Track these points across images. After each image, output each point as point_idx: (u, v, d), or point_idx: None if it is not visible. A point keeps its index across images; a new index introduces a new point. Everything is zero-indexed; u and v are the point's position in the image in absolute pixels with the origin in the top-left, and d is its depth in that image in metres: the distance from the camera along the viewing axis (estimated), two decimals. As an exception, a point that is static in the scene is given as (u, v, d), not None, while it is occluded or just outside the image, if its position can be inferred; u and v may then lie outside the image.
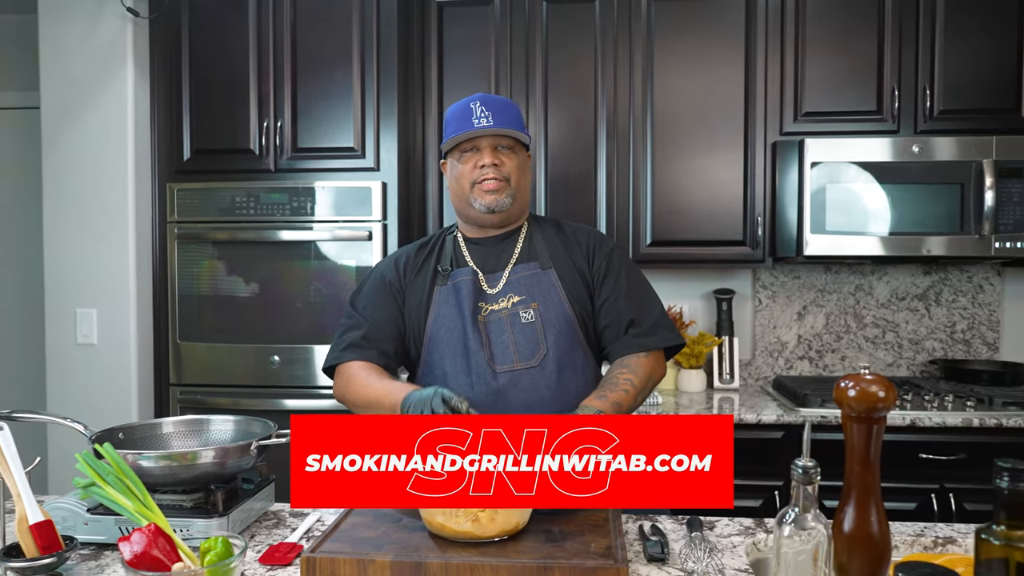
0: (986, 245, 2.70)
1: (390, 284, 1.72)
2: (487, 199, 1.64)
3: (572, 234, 1.76)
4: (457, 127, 1.64)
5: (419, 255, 1.75)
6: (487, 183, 1.63)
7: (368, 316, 1.70)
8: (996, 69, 2.78)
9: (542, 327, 1.62)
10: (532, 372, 1.59)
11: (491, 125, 1.61)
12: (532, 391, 1.59)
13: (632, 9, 2.90)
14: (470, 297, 1.63)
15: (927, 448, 2.50)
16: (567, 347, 1.63)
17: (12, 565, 1.21)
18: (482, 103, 1.63)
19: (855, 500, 0.94)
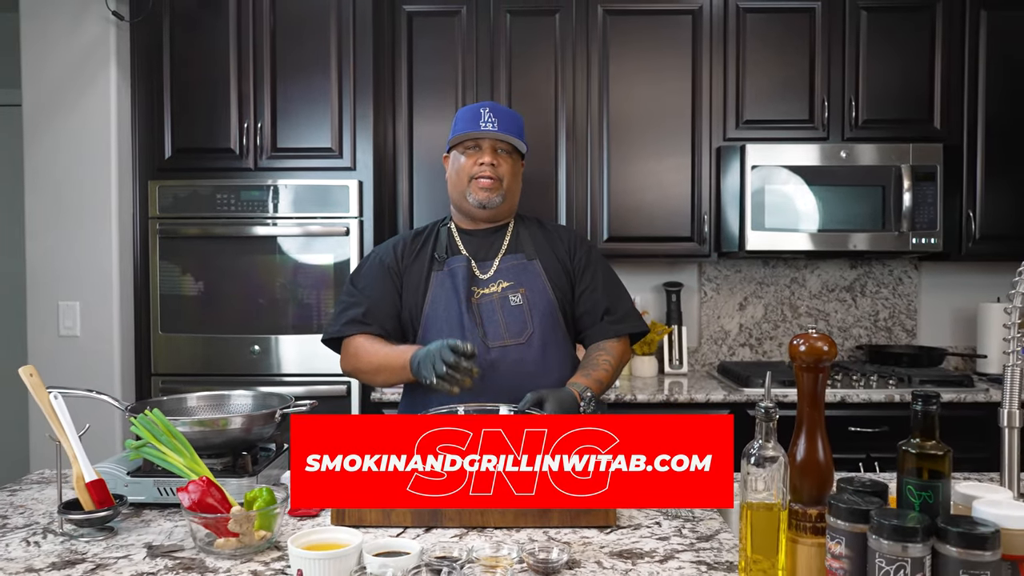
0: (904, 241, 3.02)
1: (388, 267, 1.89)
2: (481, 195, 1.85)
3: (553, 231, 1.99)
4: (465, 126, 1.84)
5: (415, 242, 1.93)
6: (483, 180, 1.83)
7: (369, 295, 1.87)
8: (912, 84, 3.11)
9: (529, 310, 1.83)
10: (520, 348, 1.80)
11: (495, 129, 1.82)
12: (520, 364, 1.80)
13: (589, 23, 3.13)
14: (464, 281, 1.83)
15: (855, 422, 2.79)
16: (550, 328, 1.85)
17: (72, 517, 1.35)
18: (491, 110, 1.85)
19: (805, 434, 1.18)
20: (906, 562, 0.91)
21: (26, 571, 1.21)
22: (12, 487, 1.67)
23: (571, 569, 1.21)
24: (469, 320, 1.81)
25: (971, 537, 0.89)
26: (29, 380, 1.40)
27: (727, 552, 1.29)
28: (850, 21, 3.11)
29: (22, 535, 1.37)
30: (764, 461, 1.15)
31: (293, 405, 1.64)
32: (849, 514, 0.99)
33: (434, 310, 1.84)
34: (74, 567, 1.22)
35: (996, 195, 3.09)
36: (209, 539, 1.28)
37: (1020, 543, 0.92)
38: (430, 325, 1.84)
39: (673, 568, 1.22)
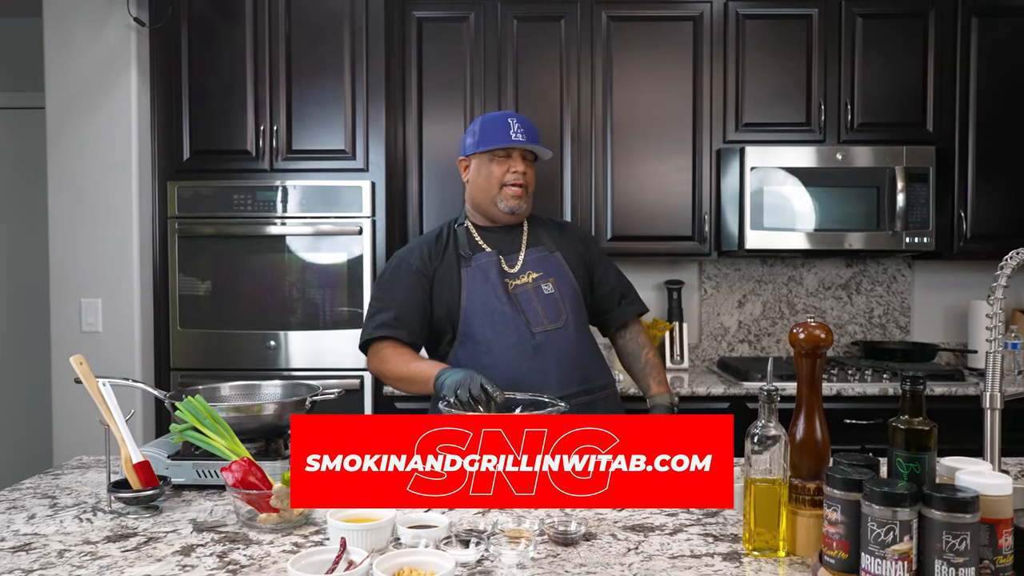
0: (898, 240, 3.13)
1: (418, 271, 1.99)
2: (512, 203, 1.98)
3: (564, 226, 2.17)
4: (496, 136, 1.96)
5: (438, 244, 2.04)
6: (514, 188, 1.98)
7: (397, 299, 1.97)
8: (906, 89, 3.22)
9: (560, 297, 1.98)
10: (559, 332, 1.94)
11: (525, 140, 1.97)
12: (561, 346, 1.93)
13: (594, 28, 3.24)
14: (498, 275, 1.95)
15: (850, 415, 2.90)
16: (579, 312, 2.01)
17: (121, 495, 1.45)
18: (517, 120, 1.99)
19: (804, 415, 1.28)
20: (895, 525, 1.01)
21: (84, 543, 1.31)
22: (55, 471, 1.76)
23: (588, 540, 1.32)
24: (510, 309, 1.92)
25: (953, 502, 0.99)
26: (79, 368, 1.50)
27: (731, 526, 1.39)
28: (846, 28, 3.21)
29: (73, 513, 1.46)
30: (766, 440, 1.25)
31: (321, 393, 1.74)
32: (844, 484, 1.09)
33: (472, 304, 1.94)
34: (127, 540, 1.32)
35: (987, 196, 3.20)
36: (251, 515, 1.38)
37: (997, 508, 1.02)
38: (471, 318, 1.94)
39: (682, 540, 1.32)
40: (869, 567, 1.03)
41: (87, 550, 1.27)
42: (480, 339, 1.93)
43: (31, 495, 1.58)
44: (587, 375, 1.97)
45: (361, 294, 2.94)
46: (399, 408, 2.97)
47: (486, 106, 3.23)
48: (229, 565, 1.21)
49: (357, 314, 2.94)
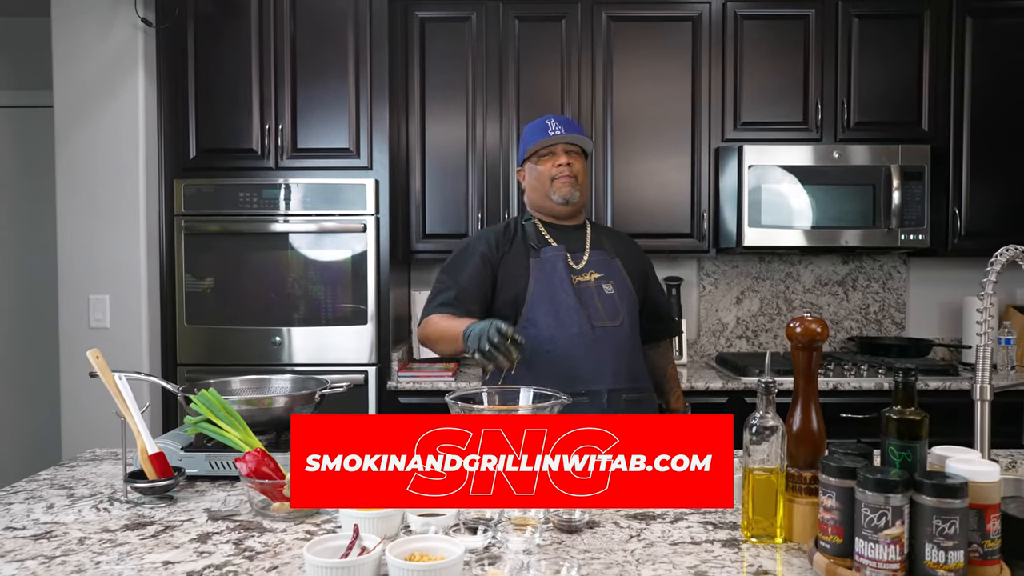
0: (893, 237, 3.17)
1: (483, 256, 2.07)
2: (564, 191, 2.08)
3: (622, 236, 2.31)
4: (536, 136, 2.07)
5: (506, 235, 2.13)
6: (563, 179, 2.07)
7: (460, 281, 2.05)
8: (901, 88, 3.26)
9: (619, 298, 2.07)
10: (616, 329, 2.03)
11: (564, 132, 2.07)
12: (617, 342, 2.03)
13: (594, 29, 3.28)
14: (565, 269, 2.04)
15: (846, 409, 2.94)
16: (633, 315, 2.11)
17: (137, 485, 1.49)
18: (554, 119, 2.10)
19: (801, 406, 1.32)
20: (888, 510, 1.05)
21: (103, 531, 1.35)
22: (70, 463, 1.81)
23: (591, 528, 1.36)
24: (574, 301, 2.00)
25: (943, 488, 1.04)
26: (96, 362, 1.54)
27: (730, 515, 1.44)
28: (842, 28, 3.26)
29: (91, 503, 1.51)
30: (764, 430, 1.30)
31: (331, 387, 1.78)
32: (839, 471, 1.13)
33: (538, 292, 2.03)
34: (145, 528, 1.36)
35: (980, 194, 3.24)
36: (264, 504, 1.42)
37: (985, 494, 1.07)
38: (535, 305, 2.02)
39: (683, 527, 1.37)
40: (863, 551, 1.07)
41: (106, 537, 1.32)
42: (543, 326, 2.00)
43: (48, 486, 1.62)
44: (637, 374, 2.08)
45: (365, 291, 2.98)
46: (403, 403, 3.02)
47: (488, 105, 3.27)
48: (245, 551, 1.25)
49: (361, 310, 2.98)
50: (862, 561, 1.07)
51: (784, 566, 1.20)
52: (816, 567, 1.14)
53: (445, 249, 3.34)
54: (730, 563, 1.21)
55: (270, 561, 1.21)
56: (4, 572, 1.17)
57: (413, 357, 3.44)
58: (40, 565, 1.19)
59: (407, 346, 3.44)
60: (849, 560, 1.11)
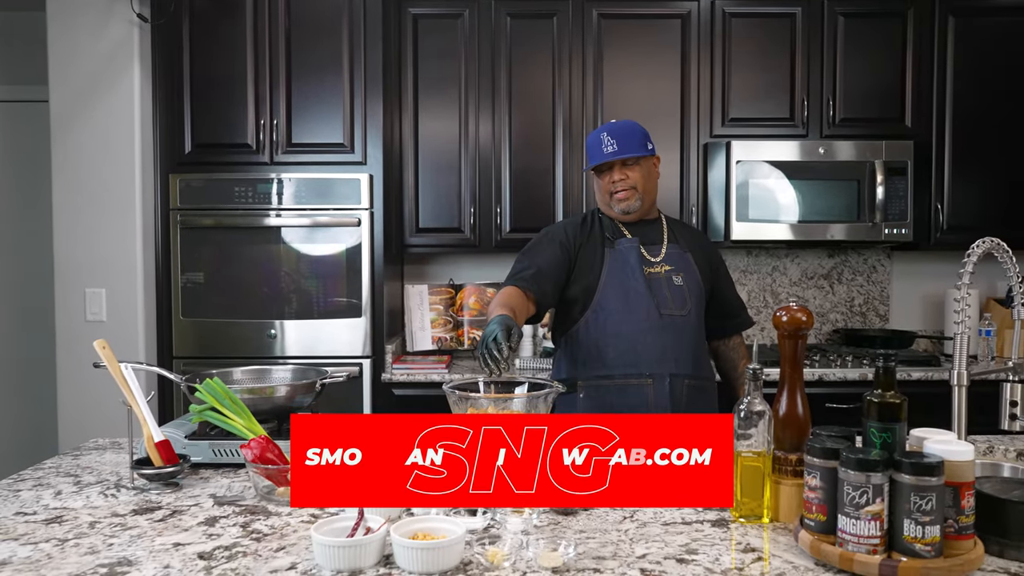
0: (877, 232, 3.24)
1: (562, 243, 2.13)
2: (620, 205, 2.14)
3: (695, 232, 2.34)
4: (593, 155, 2.15)
5: (584, 225, 2.19)
6: (618, 194, 2.13)
7: (538, 262, 2.10)
8: (885, 85, 3.33)
9: (687, 291, 2.13)
10: (683, 319, 2.10)
11: (616, 151, 2.10)
12: (682, 332, 2.09)
13: (585, 26, 3.32)
14: (638, 260, 2.11)
15: (832, 399, 3.01)
16: (700, 308, 2.17)
17: (144, 472, 1.53)
18: (608, 133, 2.12)
19: (787, 392, 1.38)
20: (869, 488, 1.11)
21: (112, 515, 1.39)
22: (74, 452, 1.84)
23: (586, 510, 1.41)
24: (644, 289, 2.08)
25: (920, 466, 1.09)
26: (103, 352, 1.58)
27: (719, 497, 1.49)
28: (828, 26, 3.32)
29: (98, 489, 1.55)
30: (752, 415, 1.36)
31: (331, 376, 1.82)
32: (822, 452, 1.19)
33: (610, 280, 2.10)
34: (153, 512, 1.41)
35: (962, 189, 3.32)
36: (269, 489, 1.47)
37: (960, 472, 1.13)
38: (607, 292, 2.09)
39: (674, 509, 1.42)
40: (845, 527, 1.13)
41: (116, 521, 1.36)
42: (612, 310, 2.09)
43: (54, 474, 1.66)
44: (701, 363, 2.14)
45: (360, 284, 3.02)
46: (398, 395, 3.06)
47: (480, 101, 3.32)
48: (253, 533, 1.30)
49: (355, 303, 3.03)
50: (844, 537, 1.13)
51: (771, 543, 1.26)
52: (801, 543, 1.20)
53: (438, 243, 3.39)
54: (719, 541, 1.26)
55: (278, 542, 1.26)
56: (20, 554, 1.21)
57: (407, 350, 3.48)
58: (54, 547, 1.23)
59: (401, 339, 3.48)
60: (832, 536, 1.16)
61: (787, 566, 1.17)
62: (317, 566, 1.15)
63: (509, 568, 1.14)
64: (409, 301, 3.48)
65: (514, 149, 3.34)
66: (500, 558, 1.16)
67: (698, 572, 1.14)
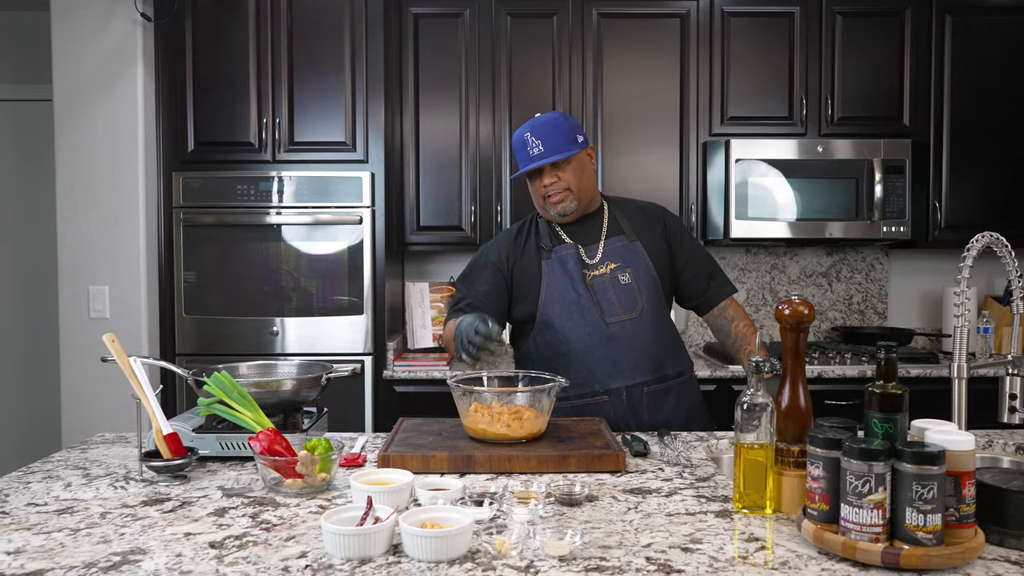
0: (876, 230, 3.27)
1: (495, 266, 2.08)
2: (556, 208, 2.03)
3: (645, 209, 2.17)
4: (519, 159, 2.03)
5: (517, 240, 2.11)
6: (551, 198, 2.02)
7: (472, 291, 2.08)
8: (883, 84, 3.35)
9: (637, 287, 2.02)
10: (634, 322, 2.00)
11: (542, 153, 1.97)
12: (636, 336, 1.99)
13: (584, 25, 3.34)
14: (577, 266, 2.02)
15: (831, 396, 3.03)
16: (656, 302, 2.04)
17: (152, 464, 1.55)
18: (532, 133, 1.99)
19: (789, 384, 1.40)
20: (871, 477, 1.13)
21: (122, 506, 1.40)
22: (81, 446, 1.85)
23: (591, 502, 1.43)
24: (587, 300, 1.99)
25: (922, 455, 1.11)
26: (112, 346, 1.59)
27: (722, 489, 1.51)
28: (826, 25, 3.34)
29: (107, 482, 1.56)
30: (754, 407, 1.37)
31: (335, 371, 1.84)
32: (825, 442, 1.21)
33: (551, 294, 2.02)
34: (163, 503, 1.42)
35: (960, 187, 3.35)
36: (277, 481, 1.48)
37: (961, 461, 1.15)
38: (548, 308, 2.02)
39: (677, 501, 1.44)
40: (848, 516, 1.15)
41: (127, 512, 1.37)
42: (557, 328, 2.01)
43: (63, 466, 1.67)
44: (660, 363, 2.02)
45: (361, 281, 3.04)
46: (399, 392, 3.08)
47: (480, 100, 3.33)
48: (262, 524, 1.31)
49: (357, 300, 3.04)
50: (847, 525, 1.15)
51: (774, 533, 1.28)
52: (804, 533, 1.22)
53: (439, 241, 3.40)
54: (723, 531, 1.28)
55: (287, 532, 1.27)
56: (34, 543, 1.22)
57: (408, 347, 3.50)
58: (67, 536, 1.25)
59: (402, 336, 3.49)
60: (835, 526, 1.18)
61: (790, 555, 1.18)
62: (327, 555, 1.17)
63: (516, 556, 1.16)
64: (410, 299, 3.50)
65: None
66: (508, 547, 1.18)
67: (703, 560, 1.15)
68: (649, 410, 1.99)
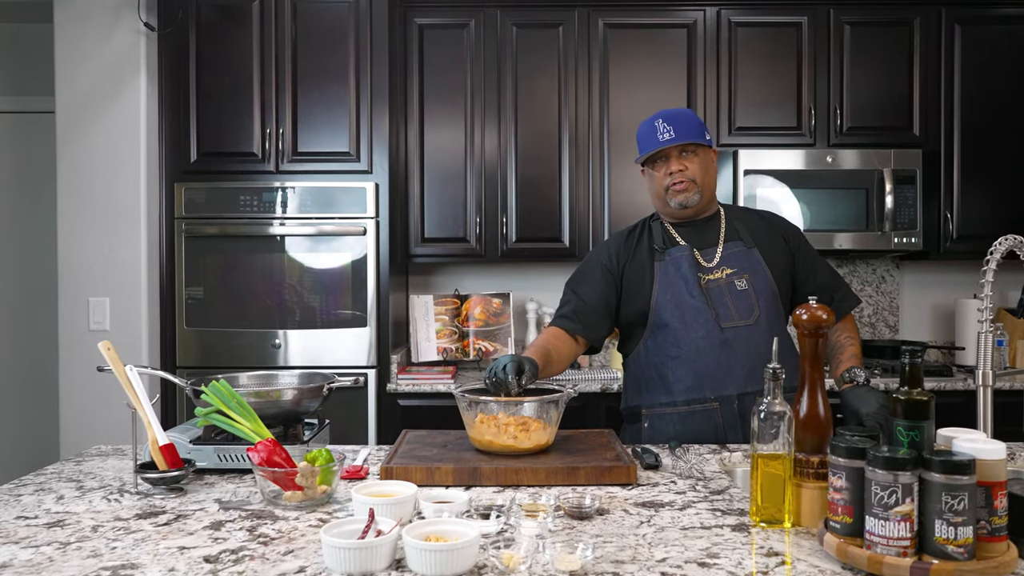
0: (887, 241, 3.22)
1: (604, 267, 2.03)
2: (678, 198, 1.97)
3: (766, 219, 2.11)
4: (646, 143, 1.97)
5: (628, 241, 2.07)
6: (676, 186, 1.96)
7: (581, 294, 2.03)
8: (893, 94, 3.32)
9: (754, 294, 1.95)
10: (751, 328, 1.93)
11: (673, 138, 1.93)
12: (751, 343, 1.92)
13: (591, 35, 3.32)
14: (691, 269, 1.96)
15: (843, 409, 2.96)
16: (773, 311, 1.97)
17: (148, 476, 1.50)
18: (664, 120, 1.95)
19: (807, 391, 1.34)
20: (898, 488, 1.07)
21: (115, 519, 1.35)
22: (76, 458, 1.80)
23: (601, 515, 1.37)
24: (701, 303, 1.93)
25: (952, 464, 1.06)
26: (108, 354, 1.55)
27: (738, 502, 1.45)
28: (834, 35, 3.31)
29: (101, 494, 1.51)
30: (772, 416, 1.32)
31: (337, 381, 1.79)
32: (848, 452, 1.15)
33: (663, 295, 1.96)
34: (157, 516, 1.37)
35: (972, 197, 3.30)
36: (276, 493, 1.43)
37: (992, 471, 1.09)
38: (661, 310, 1.96)
39: (691, 514, 1.38)
40: (873, 529, 1.09)
41: (120, 525, 1.32)
42: (668, 330, 1.95)
43: (56, 479, 1.62)
44: None
45: (365, 293, 3.00)
46: (403, 406, 3.02)
47: (486, 111, 3.31)
48: (260, 537, 1.26)
49: (360, 314, 2.99)
50: (873, 539, 1.09)
51: (794, 547, 1.22)
52: (827, 547, 1.16)
53: (444, 253, 3.36)
54: (740, 545, 1.23)
55: (285, 546, 1.22)
56: (20, 557, 1.17)
57: (412, 360, 3.45)
58: (56, 551, 1.20)
59: (406, 349, 3.45)
60: (859, 539, 1.12)
61: (812, 570, 1.13)
62: (327, 569, 1.11)
63: (525, 571, 1.11)
64: (414, 311, 3.45)
65: (520, 159, 3.32)
66: (516, 561, 1.12)
67: None
68: None
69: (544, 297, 3.58)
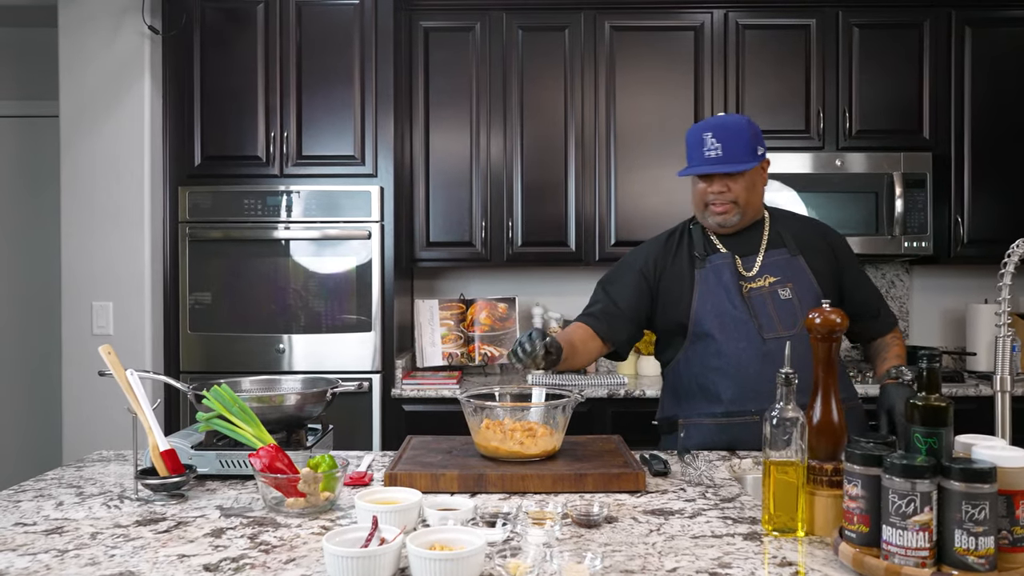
0: (896, 245, 3.18)
1: (640, 271, 1.96)
2: (716, 218, 1.90)
3: (811, 226, 2.03)
4: (692, 158, 1.89)
5: (668, 245, 1.99)
6: (715, 207, 1.88)
7: (611, 296, 1.97)
8: (902, 97, 3.29)
9: (798, 303, 1.86)
10: (794, 339, 1.80)
11: (720, 157, 1.82)
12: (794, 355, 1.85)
13: (597, 38, 3.30)
14: (733, 277, 1.89)
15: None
16: None
17: (148, 482, 1.47)
18: (714, 135, 1.83)
19: (821, 397, 1.32)
20: (916, 496, 1.04)
21: (115, 526, 1.33)
22: (76, 464, 1.78)
23: (610, 523, 1.35)
24: (743, 312, 1.86)
25: (972, 472, 1.03)
26: (108, 358, 1.52)
27: (749, 510, 1.42)
28: (843, 37, 3.28)
29: (100, 500, 1.49)
30: (784, 422, 1.29)
31: (341, 386, 1.77)
32: (864, 459, 1.12)
33: (703, 305, 1.90)
34: (157, 523, 1.34)
35: (983, 201, 3.26)
36: (278, 500, 1.40)
37: (1013, 479, 1.06)
38: (701, 318, 1.89)
39: (702, 522, 1.35)
40: (890, 538, 1.06)
41: (119, 532, 1.30)
42: (708, 341, 1.89)
43: (56, 485, 1.60)
44: None
45: (370, 298, 2.97)
46: (407, 411, 3.00)
47: (491, 114, 3.29)
48: (261, 545, 1.23)
49: (365, 318, 2.97)
50: (890, 549, 1.06)
51: (808, 557, 1.19)
52: (842, 556, 1.13)
53: (449, 257, 3.34)
54: (753, 555, 1.19)
55: (287, 554, 1.19)
56: (17, 565, 1.15)
57: (417, 365, 3.42)
58: (53, 558, 1.17)
59: (411, 354, 3.42)
60: (876, 549, 1.09)
61: (828, 580, 1.10)
62: (329, 578, 1.09)
63: (533, 581, 1.08)
64: (419, 316, 3.43)
65: (526, 162, 3.30)
66: (523, 570, 1.10)
67: (734, 586, 1.07)
68: None
69: (550, 302, 3.55)
